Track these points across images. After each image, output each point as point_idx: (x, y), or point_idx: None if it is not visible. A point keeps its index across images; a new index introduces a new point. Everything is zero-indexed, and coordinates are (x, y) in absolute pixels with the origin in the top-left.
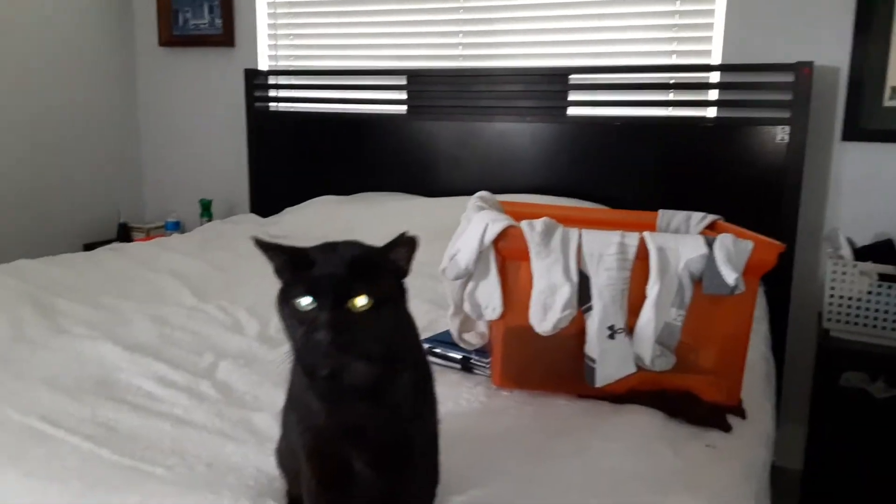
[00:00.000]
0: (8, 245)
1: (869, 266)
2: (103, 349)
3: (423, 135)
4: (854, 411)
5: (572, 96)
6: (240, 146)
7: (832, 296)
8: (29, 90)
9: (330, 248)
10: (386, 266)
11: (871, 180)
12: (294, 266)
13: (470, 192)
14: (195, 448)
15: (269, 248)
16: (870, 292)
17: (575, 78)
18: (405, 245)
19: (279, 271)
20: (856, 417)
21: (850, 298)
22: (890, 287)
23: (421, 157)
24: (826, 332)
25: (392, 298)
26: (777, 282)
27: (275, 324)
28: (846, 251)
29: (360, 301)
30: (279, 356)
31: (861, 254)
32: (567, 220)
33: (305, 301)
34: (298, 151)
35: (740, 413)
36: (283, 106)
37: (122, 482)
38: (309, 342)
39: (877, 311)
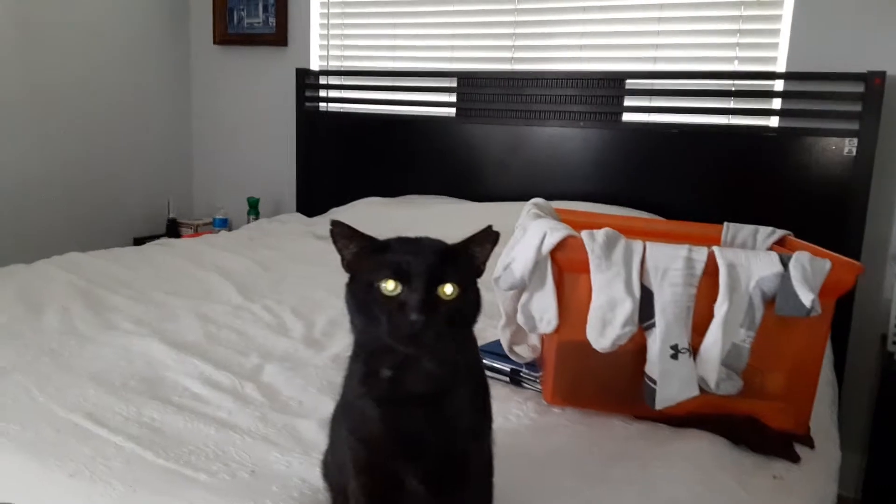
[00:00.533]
0: (61, 237)
1: None
2: (150, 346)
3: (472, 138)
4: None
5: (628, 101)
6: (289, 145)
7: None
8: (85, 86)
9: (410, 240)
10: (468, 260)
11: None
12: (375, 251)
13: (518, 198)
14: (238, 454)
15: (348, 234)
16: None
17: (632, 83)
18: (488, 239)
19: (356, 258)
20: None
21: None
22: None
23: (469, 161)
24: (891, 356)
25: (474, 293)
26: (838, 301)
27: (320, 326)
28: None
29: (449, 289)
30: (325, 360)
31: None
32: (628, 231)
33: (391, 285)
34: (346, 152)
35: (808, 442)
36: (332, 106)
37: (165, 486)
38: (398, 323)
39: None
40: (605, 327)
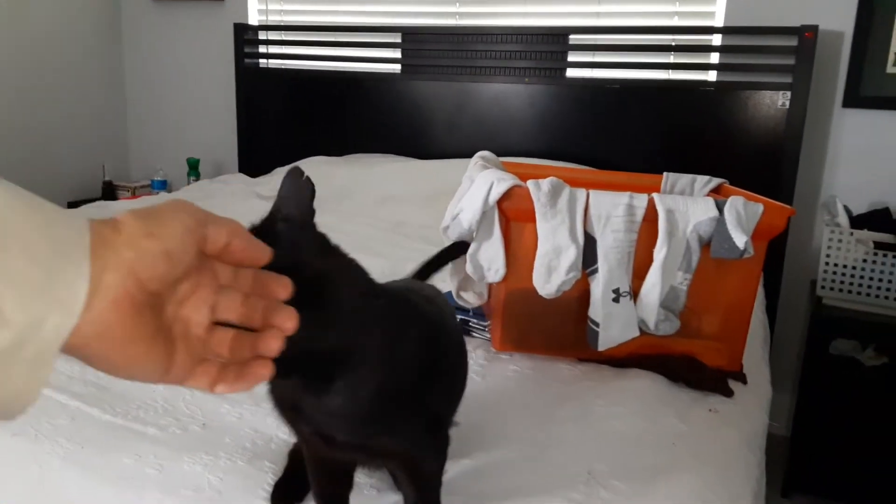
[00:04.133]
0: None
1: (865, 234)
2: None
3: (418, 95)
4: (843, 379)
5: (572, 57)
6: (228, 104)
7: (827, 263)
8: (11, 45)
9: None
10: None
11: (871, 148)
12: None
13: (465, 156)
14: (189, 408)
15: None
16: (865, 260)
17: (575, 38)
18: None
19: None
20: (845, 385)
21: (844, 266)
22: (885, 255)
23: (415, 118)
24: (819, 300)
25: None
26: (770, 248)
27: None
28: (843, 219)
29: None
30: None
31: (857, 222)
32: (572, 182)
33: None
34: (289, 110)
35: (742, 378)
36: (273, 63)
37: (114, 441)
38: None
39: (871, 279)
40: (551, 274)
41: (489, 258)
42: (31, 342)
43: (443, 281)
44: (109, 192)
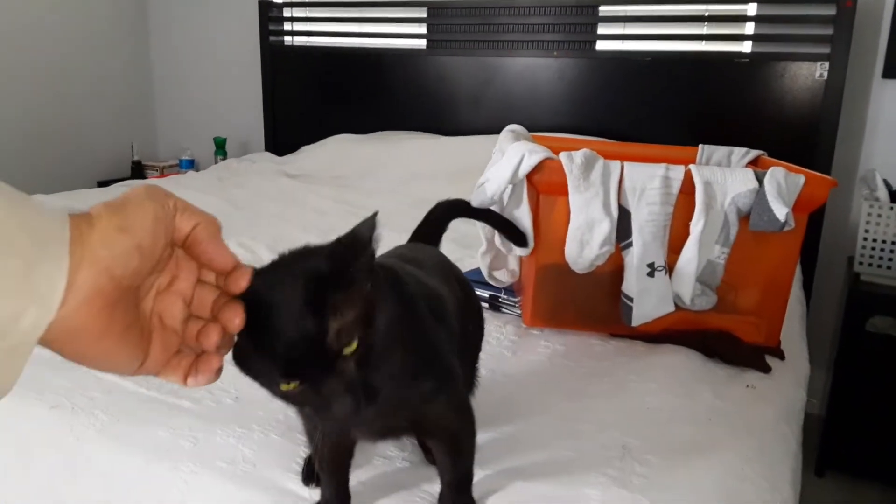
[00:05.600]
0: (23, 183)
1: None
2: None
3: (443, 71)
4: (880, 357)
5: (602, 29)
6: (254, 83)
7: (865, 239)
8: (41, 29)
9: (263, 303)
10: (351, 274)
11: None
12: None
13: (491, 132)
14: (222, 381)
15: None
16: None
17: (605, 9)
18: (367, 236)
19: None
20: (881, 363)
21: (883, 242)
22: None
23: (440, 95)
24: (857, 276)
25: (374, 307)
26: (808, 224)
27: None
28: (882, 193)
29: (349, 349)
30: None
31: None
32: (604, 155)
33: (288, 385)
34: (314, 88)
35: (779, 354)
36: (298, 40)
37: (148, 414)
38: (328, 418)
39: None
40: (584, 248)
41: None
42: (10, 334)
43: (472, 258)
44: (138, 171)
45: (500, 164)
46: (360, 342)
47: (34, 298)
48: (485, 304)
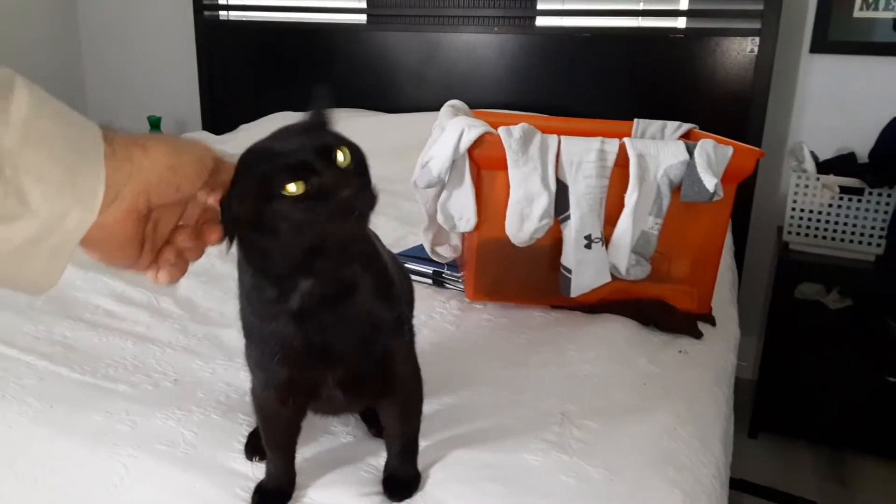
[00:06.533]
0: None
1: (831, 179)
2: None
3: (385, 46)
4: (808, 322)
5: (541, 5)
6: (189, 59)
7: (794, 209)
8: None
9: (268, 143)
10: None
11: (838, 93)
12: (253, 177)
13: (433, 109)
14: (159, 364)
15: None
16: (830, 205)
17: None
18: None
19: (244, 195)
20: (809, 328)
21: (811, 212)
22: (850, 199)
23: (382, 71)
24: (786, 245)
25: (356, 150)
26: (738, 194)
27: None
28: (809, 165)
29: (341, 156)
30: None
31: (824, 167)
32: (543, 129)
33: (294, 186)
34: (252, 64)
35: (710, 321)
36: (234, 15)
37: (83, 400)
38: (333, 213)
39: (836, 223)
40: (524, 222)
41: (460, 207)
42: (56, 233)
43: (415, 235)
44: None
45: (440, 140)
46: (350, 161)
47: (77, 202)
48: (428, 280)
